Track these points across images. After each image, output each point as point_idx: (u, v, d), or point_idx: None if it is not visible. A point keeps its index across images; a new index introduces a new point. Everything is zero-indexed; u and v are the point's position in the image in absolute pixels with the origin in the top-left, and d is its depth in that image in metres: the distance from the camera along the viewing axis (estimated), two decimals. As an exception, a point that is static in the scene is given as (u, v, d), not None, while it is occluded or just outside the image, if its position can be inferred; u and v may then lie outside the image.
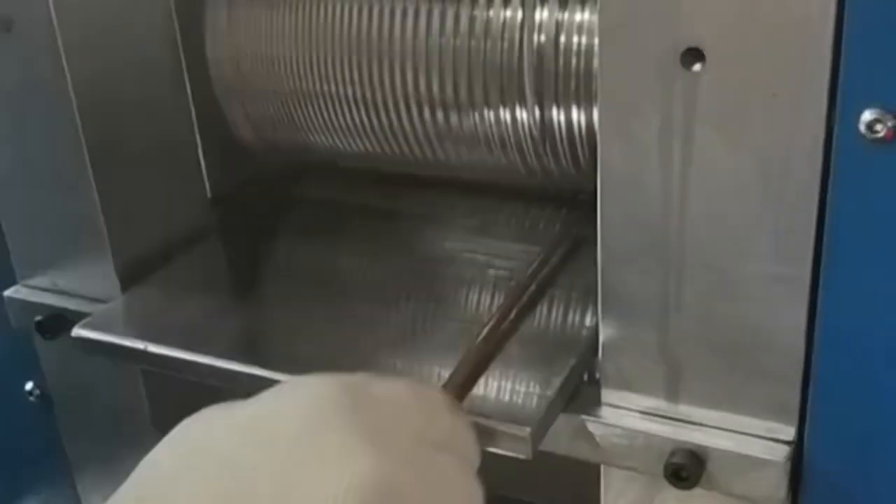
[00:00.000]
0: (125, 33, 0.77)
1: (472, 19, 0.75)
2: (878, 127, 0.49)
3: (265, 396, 0.47)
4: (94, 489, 0.92)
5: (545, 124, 0.75)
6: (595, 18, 0.71)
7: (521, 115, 0.76)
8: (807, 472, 0.59)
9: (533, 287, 0.70)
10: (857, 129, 0.50)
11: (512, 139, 0.78)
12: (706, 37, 0.51)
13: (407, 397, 0.48)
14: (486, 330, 0.63)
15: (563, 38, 0.72)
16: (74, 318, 0.78)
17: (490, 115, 0.77)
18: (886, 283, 0.53)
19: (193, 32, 0.86)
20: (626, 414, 0.63)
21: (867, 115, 0.49)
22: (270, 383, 0.67)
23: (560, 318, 0.71)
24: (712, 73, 0.52)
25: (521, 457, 0.59)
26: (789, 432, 0.59)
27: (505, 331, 0.64)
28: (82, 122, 0.74)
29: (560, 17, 0.73)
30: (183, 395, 0.85)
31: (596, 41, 0.71)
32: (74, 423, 0.89)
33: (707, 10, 0.51)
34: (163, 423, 0.84)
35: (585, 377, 0.66)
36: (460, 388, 0.58)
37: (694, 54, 0.52)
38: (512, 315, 0.65)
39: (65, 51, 0.72)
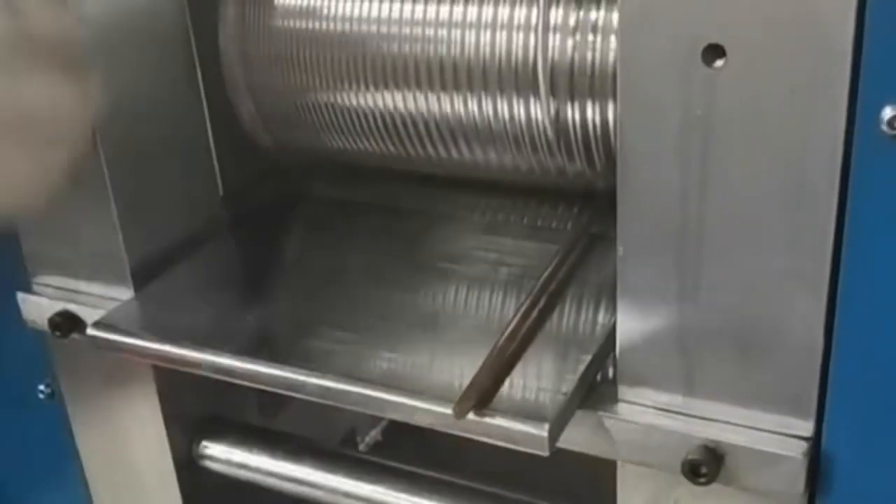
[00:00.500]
0: (139, 32, 0.77)
1: (487, 17, 0.75)
2: (900, 123, 0.49)
3: None
4: (105, 487, 0.92)
5: (560, 123, 0.75)
6: (610, 17, 0.72)
7: (536, 113, 0.76)
8: (825, 467, 0.59)
9: (553, 287, 0.70)
10: (877, 125, 0.50)
11: (526, 138, 0.78)
12: (727, 33, 0.51)
13: None
14: (507, 332, 0.63)
15: (578, 37, 0.73)
16: (88, 317, 0.79)
17: (505, 113, 0.77)
18: (906, 279, 0.53)
19: (206, 31, 0.86)
20: (642, 410, 0.63)
21: (888, 112, 0.49)
22: (283, 380, 0.68)
23: (576, 315, 0.71)
24: (733, 69, 0.52)
25: (539, 453, 0.60)
26: (807, 428, 0.59)
27: (527, 332, 0.64)
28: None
29: (576, 15, 0.73)
30: (195, 393, 0.86)
31: (612, 39, 0.71)
32: (87, 421, 0.90)
33: (728, 7, 0.51)
34: (175, 422, 0.85)
35: (601, 375, 0.66)
36: (487, 390, 0.58)
37: (715, 50, 0.52)
38: (533, 316, 0.66)
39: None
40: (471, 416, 0.60)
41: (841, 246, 0.54)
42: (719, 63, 0.52)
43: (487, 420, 0.60)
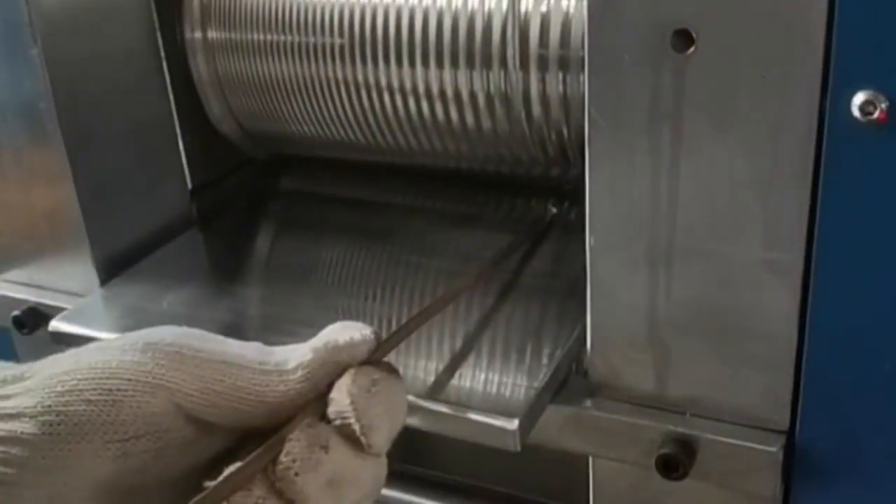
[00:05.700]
0: (102, 20, 0.76)
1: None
2: (872, 109, 0.48)
3: None
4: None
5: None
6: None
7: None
8: (799, 461, 0.58)
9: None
10: (850, 111, 0.49)
11: (497, 126, 0.77)
12: (696, 19, 0.50)
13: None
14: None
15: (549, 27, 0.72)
16: (52, 312, 0.77)
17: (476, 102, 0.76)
18: (880, 269, 0.52)
19: (171, 19, 0.84)
20: (614, 404, 0.62)
21: (860, 97, 0.48)
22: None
23: (548, 309, 0.70)
24: (702, 55, 0.51)
25: (509, 449, 0.58)
26: (782, 421, 0.58)
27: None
28: (58, 111, 0.72)
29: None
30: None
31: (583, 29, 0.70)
32: (53, 419, 0.88)
33: (697, -9, 0.50)
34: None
35: (574, 368, 0.65)
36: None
37: (684, 36, 0.51)
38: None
39: (41, 38, 0.70)
40: (441, 409, 0.59)
41: (814, 236, 0.53)
42: (689, 49, 0.51)
43: (457, 415, 0.59)
